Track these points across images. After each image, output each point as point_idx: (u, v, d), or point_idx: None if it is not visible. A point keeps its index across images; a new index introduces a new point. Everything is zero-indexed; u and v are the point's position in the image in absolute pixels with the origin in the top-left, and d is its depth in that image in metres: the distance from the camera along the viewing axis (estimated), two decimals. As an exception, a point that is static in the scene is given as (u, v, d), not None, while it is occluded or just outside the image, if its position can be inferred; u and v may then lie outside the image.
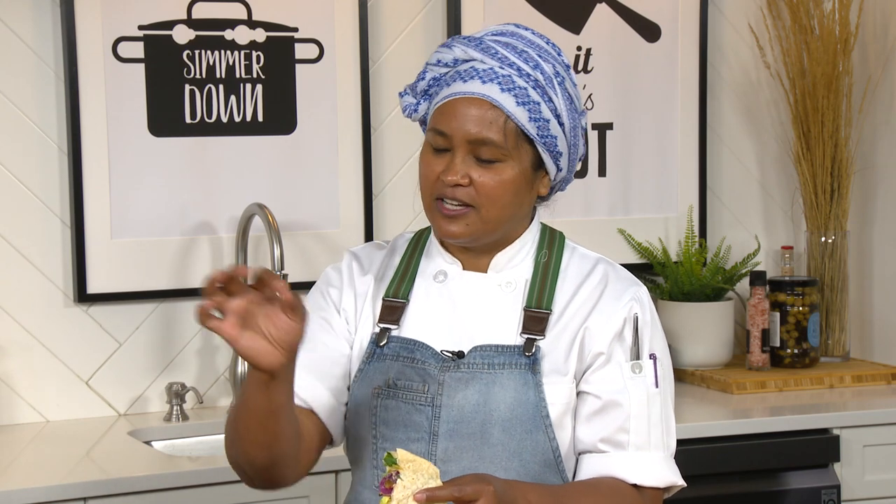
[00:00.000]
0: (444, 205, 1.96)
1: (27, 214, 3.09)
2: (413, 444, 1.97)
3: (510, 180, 1.95)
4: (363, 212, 3.32)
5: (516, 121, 1.93)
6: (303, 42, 3.26)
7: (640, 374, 1.98)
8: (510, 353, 1.97)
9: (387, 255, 2.11)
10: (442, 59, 1.98)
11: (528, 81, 1.94)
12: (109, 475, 2.62)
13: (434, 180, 1.96)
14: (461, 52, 1.97)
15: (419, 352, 2.00)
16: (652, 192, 3.61)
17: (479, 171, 1.94)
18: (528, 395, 1.96)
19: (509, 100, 1.93)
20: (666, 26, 3.58)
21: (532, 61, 1.95)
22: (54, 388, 3.12)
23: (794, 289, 3.51)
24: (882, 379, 3.45)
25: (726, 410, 3.19)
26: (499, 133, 1.93)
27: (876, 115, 3.68)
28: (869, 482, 3.14)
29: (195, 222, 3.20)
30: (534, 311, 2.00)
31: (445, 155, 1.96)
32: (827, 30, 3.57)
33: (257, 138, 3.23)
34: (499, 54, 1.95)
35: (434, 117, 1.97)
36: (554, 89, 1.95)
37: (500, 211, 1.96)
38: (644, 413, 1.97)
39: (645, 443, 1.97)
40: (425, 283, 2.05)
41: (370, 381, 2.01)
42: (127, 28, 3.11)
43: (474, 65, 1.95)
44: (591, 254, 2.08)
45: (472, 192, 1.94)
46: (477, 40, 1.97)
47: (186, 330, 3.22)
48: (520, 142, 1.94)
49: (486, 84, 1.93)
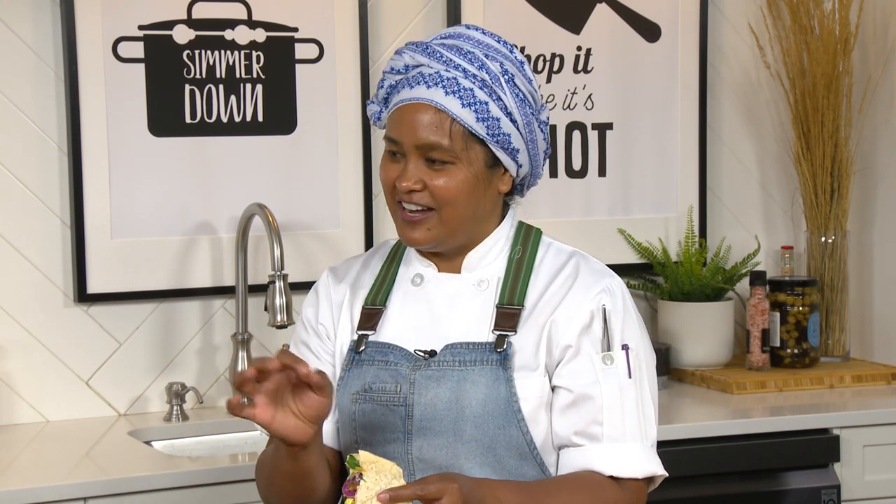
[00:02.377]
0: (405, 211, 2.00)
1: (27, 214, 3.09)
2: (390, 445, 2.00)
3: (463, 181, 1.97)
4: (363, 212, 3.32)
5: (463, 122, 1.95)
6: (303, 42, 3.26)
7: (612, 365, 1.99)
8: (481, 349, 1.99)
9: (365, 262, 2.15)
10: (394, 67, 2.02)
11: (475, 82, 1.96)
12: (109, 475, 2.62)
13: (392, 187, 2.00)
14: (409, 58, 2.00)
15: (392, 354, 2.03)
16: (652, 192, 3.61)
17: (432, 175, 1.97)
18: (499, 390, 1.97)
19: (454, 102, 1.95)
20: (666, 26, 3.58)
21: (477, 61, 1.97)
22: (54, 388, 3.12)
23: (794, 289, 3.51)
24: (882, 379, 3.45)
25: (726, 410, 3.19)
26: (445, 136, 1.95)
27: (876, 115, 3.68)
28: (869, 482, 3.14)
29: (195, 222, 3.20)
30: (506, 308, 2.01)
31: (400, 161, 1.99)
32: (827, 30, 3.57)
33: (257, 138, 3.23)
34: (444, 57, 1.97)
35: (387, 125, 2.02)
36: (502, 87, 1.97)
37: (458, 211, 1.98)
38: (617, 404, 1.98)
39: (620, 434, 1.98)
40: (403, 287, 2.08)
41: (349, 387, 2.05)
42: (127, 28, 3.12)
43: (421, 70, 1.98)
44: (565, 248, 2.09)
45: (427, 195, 1.98)
46: (424, 45, 2.00)
47: (186, 330, 3.22)
48: (469, 143, 1.97)
49: (431, 89, 1.96)
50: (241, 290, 3.17)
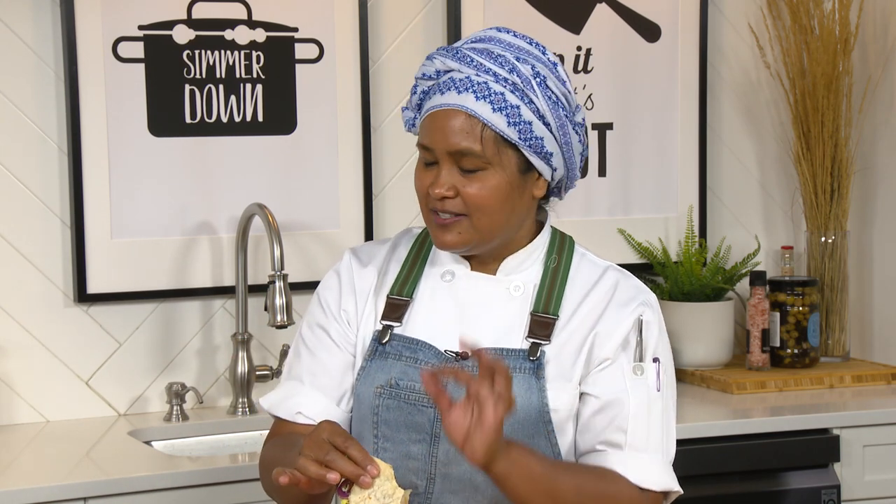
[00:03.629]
0: (437, 216, 1.97)
1: (27, 214, 3.09)
2: (414, 446, 1.97)
3: (495, 187, 1.95)
4: (363, 212, 3.32)
5: (494, 127, 1.93)
6: (303, 42, 3.26)
7: (642, 375, 1.98)
8: (515, 356, 1.97)
9: (390, 250, 2.11)
10: (426, 72, 2.00)
11: (506, 85, 1.93)
12: (109, 475, 2.62)
13: (425, 194, 1.98)
14: (440, 63, 1.98)
15: (422, 352, 2.00)
16: (652, 192, 3.61)
17: (464, 182, 1.94)
18: (531, 399, 1.95)
19: (485, 107, 1.92)
20: (666, 26, 3.58)
21: (508, 65, 1.94)
22: (54, 388, 3.12)
23: (794, 289, 3.51)
24: (882, 379, 3.45)
25: (726, 410, 3.19)
26: (476, 142, 1.93)
27: (876, 115, 3.68)
28: (869, 482, 3.14)
29: (195, 222, 3.20)
30: (541, 316, 1.99)
31: (433, 168, 1.97)
32: (827, 30, 3.57)
33: (257, 138, 3.23)
34: (474, 62, 1.94)
35: (420, 132, 1.99)
36: (533, 90, 1.94)
37: (491, 218, 1.96)
38: (643, 414, 1.97)
39: (643, 444, 1.96)
40: (431, 281, 2.05)
41: (372, 379, 2.01)
42: (127, 28, 3.11)
43: (452, 75, 1.96)
44: (600, 261, 2.07)
45: (460, 202, 1.95)
46: (454, 50, 1.98)
47: (186, 330, 3.22)
48: (501, 148, 1.94)
49: (462, 94, 1.93)
50: (241, 290, 3.17)
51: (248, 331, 3.19)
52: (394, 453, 1.99)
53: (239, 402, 3.16)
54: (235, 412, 3.16)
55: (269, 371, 3.20)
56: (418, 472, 1.98)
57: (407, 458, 1.98)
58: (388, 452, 1.99)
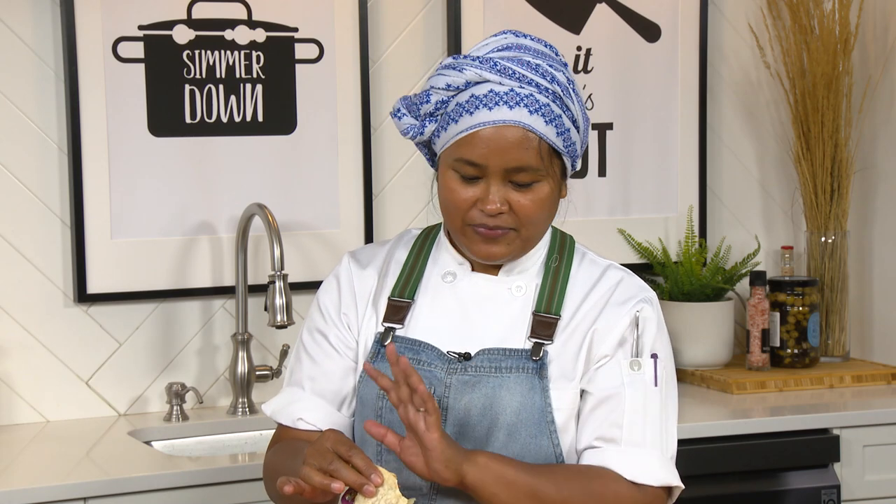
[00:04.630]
0: (481, 228, 1.94)
1: (27, 214, 3.09)
2: None
3: (547, 197, 1.95)
4: (363, 212, 3.32)
5: (548, 140, 1.92)
6: (303, 42, 3.26)
7: (639, 371, 1.97)
8: (518, 356, 1.97)
9: (389, 252, 2.10)
10: (452, 83, 1.93)
11: (549, 96, 1.91)
12: (109, 475, 2.62)
13: (467, 209, 1.94)
14: (474, 73, 1.92)
15: (425, 353, 2.00)
16: (652, 192, 3.61)
17: (517, 195, 1.93)
18: (534, 399, 1.95)
19: (539, 121, 1.90)
20: (666, 26, 3.58)
21: (548, 74, 1.92)
22: (54, 388, 3.12)
23: (794, 289, 3.51)
24: (882, 379, 3.45)
25: (726, 410, 3.19)
26: (536, 157, 1.91)
27: (876, 115, 3.68)
28: (869, 482, 3.14)
29: (195, 222, 3.20)
30: (543, 316, 1.99)
31: (477, 183, 1.93)
32: (827, 30, 3.57)
33: (257, 138, 3.23)
34: (516, 74, 1.91)
35: (461, 147, 1.92)
36: (570, 97, 1.94)
37: (538, 228, 1.97)
38: (640, 409, 1.96)
39: (640, 440, 1.96)
40: (433, 283, 2.05)
41: None
42: (127, 28, 3.11)
43: (492, 87, 1.91)
44: (601, 260, 2.07)
45: (512, 216, 1.93)
46: (489, 61, 1.92)
47: (186, 330, 3.22)
48: (552, 158, 1.94)
49: (514, 109, 1.90)
50: (241, 290, 3.17)
51: (248, 331, 3.19)
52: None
53: (239, 402, 3.16)
54: (235, 412, 3.16)
55: (269, 371, 3.20)
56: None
57: None
58: (392, 454, 1.98)
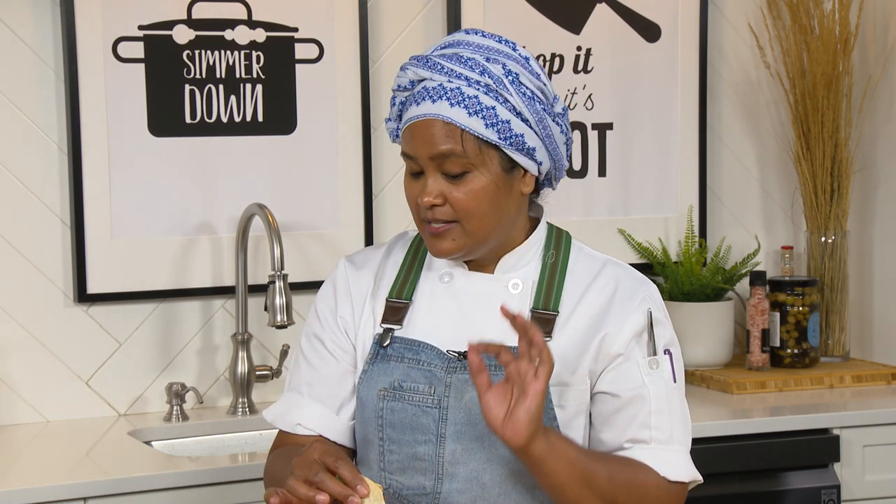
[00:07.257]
0: (430, 224, 1.98)
1: (27, 214, 3.09)
2: (420, 447, 1.98)
3: (482, 189, 1.95)
4: (363, 212, 3.32)
5: (472, 131, 1.93)
6: (303, 42, 3.26)
7: (658, 369, 1.99)
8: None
9: (385, 254, 2.12)
10: (400, 84, 2.01)
11: (479, 88, 1.94)
12: (109, 475, 2.62)
13: (416, 204, 1.99)
14: (412, 73, 1.99)
15: (424, 353, 2.00)
16: (652, 192, 3.61)
17: (451, 187, 1.95)
18: None
19: (460, 113, 1.93)
20: (666, 26, 3.58)
21: (479, 67, 1.94)
22: (54, 388, 3.12)
23: (794, 289, 3.51)
24: (882, 379, 3.45)
25: (726, 410, 3.19)
26: (457, 145, 1.93)
27: (876, 115, 3.68)
28: (869, 482, 3.14)
29: (195, 222, 3.20)
30: (541, 313, 2.00)
31: (421, 178, 1.98)
32: (827, 30, 3.57)
33: (257, 138, 3.23)
34: (445, 68, 1.95)
35: (403, 142, 2.01)
36: (507, 89, 1.94)
37: (482, 221, 1.97)
38: (665, 408, 1.99)
39: (667, 437, 1.99)
40: (430, 283, 2.06)
41: (375, 382, 2.02)
42: (127, 28, 3.12)
43: (425, 84, 1.97)
44: (598, 254, 2.08)
45: (449, 209, 1.96)
46: (424, 59, 1.98)
47: (186, 330, 3.22)
48: (483, 149, 1.94)
49: (436, 102, 1.94)
50: (241, 290, 3.17)
51: (248, 331, 3.19)
52: (400, 455, 1.99)
53: (239, 402, 3.16)
54: (235, 412, 3.16)
55: (269, 371, 3.20)
56: (426, 473, 1.98)
57: (414, 459, 1.99)
58: (394, 454, 2.00)
